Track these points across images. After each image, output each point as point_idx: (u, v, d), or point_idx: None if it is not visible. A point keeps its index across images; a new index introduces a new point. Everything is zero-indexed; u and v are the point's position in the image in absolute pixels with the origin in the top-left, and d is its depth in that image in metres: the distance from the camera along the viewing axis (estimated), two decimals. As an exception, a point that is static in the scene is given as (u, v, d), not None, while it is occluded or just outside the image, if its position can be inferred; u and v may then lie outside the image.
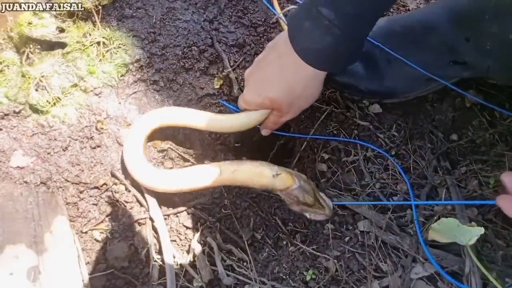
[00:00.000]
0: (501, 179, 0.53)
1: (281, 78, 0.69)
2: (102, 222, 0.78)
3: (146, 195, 0.79)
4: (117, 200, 0.80)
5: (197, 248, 0.76)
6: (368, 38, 0.77)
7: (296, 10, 0.66)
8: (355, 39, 0.63)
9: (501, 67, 0.62)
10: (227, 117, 0.80)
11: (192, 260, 0.75)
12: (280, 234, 0.79)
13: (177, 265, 0.74)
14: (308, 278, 0.72)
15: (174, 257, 0.74)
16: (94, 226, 0.77)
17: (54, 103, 0.82)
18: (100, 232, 0.77)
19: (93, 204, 0.79)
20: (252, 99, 0.75)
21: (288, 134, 0.88)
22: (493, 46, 0.59)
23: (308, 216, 0.74)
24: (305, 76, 0.68)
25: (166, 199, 0.81)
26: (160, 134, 0.85)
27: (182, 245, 0.78)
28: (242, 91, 0.88)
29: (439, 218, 0.70)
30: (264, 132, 0.82)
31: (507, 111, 0.77)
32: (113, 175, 0.81)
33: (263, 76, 0.73)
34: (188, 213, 0.80)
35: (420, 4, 0.98)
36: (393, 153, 0.81)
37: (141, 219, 0.78)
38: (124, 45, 0.87)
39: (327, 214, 0.73)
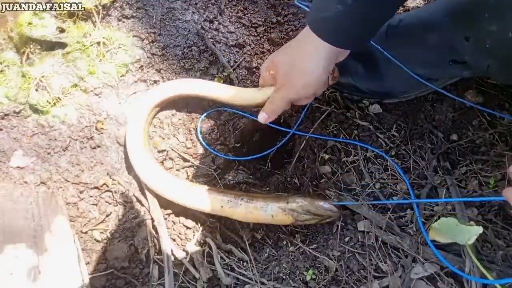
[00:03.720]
0: (508, 171, 0.53)
1: (290, 44, 0.69)
2: (102, 222, 0.78)
3: (147, 195, 0.79)
4: (117, 200, 0.80)
5: (196, 248, 0.76)
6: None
7: None
8: (365, 15, 0.58)
9: (501, 66, 0.62)
10: (239, 89, 0.81)
11: (191, 259, 0.75)
12: (280, 234, 0.79)
13: (176, 264, 0.74)
14: (308, 278, 0.72)
15: (173, 257, 0.75)
16: (94, 226, 0.77)
17: (54, 103, 0.82)
18: (100, 232, 0.77)
19: (93, 204, 0.79)
20: (264, 62, 0.74)
21: (289, 130, 0.87)
22: (493, 45, 0.59)
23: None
24: (309, 45, 0.64)
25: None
26: (161, 132, 0.86)
27: (182, 244, 0.78)
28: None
29: (439, 218, 0.70)
30: (261, 116, 0.75)
31: (503, 114, 0.77)
32: (111, 177, 0.81)
33: (283, 47, 0.73)
34: (188, 213, 0.80)
35: (420, 4, 0.98)
36: (393, 153, 0.81)
37: (141, 219, 0.78)
38: (124, 45, 0.87)
39: (333, 219, 0.74)
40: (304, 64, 0.65)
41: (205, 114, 0.86)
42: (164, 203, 0.81)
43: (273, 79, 0.73)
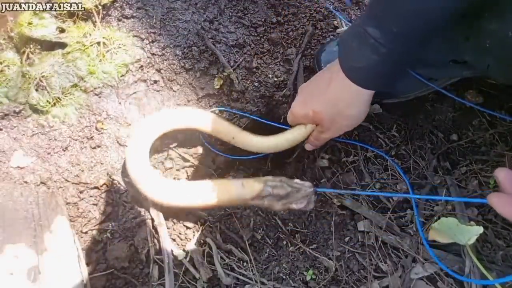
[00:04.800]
0: (494, 175, 0.52)
1: (327, 93, 0.71)
2: (102, 222, 0.78)
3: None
4: (117, 200, 0.80)
5: (196, 248, 0.76)
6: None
7: (346, 31, 0.68)
8: (401, 58, 0.63)
9: (501, 65, 0.62)
10: (273, 137, 0.80)
11: (191, 259, 0.75)
12: (280, 234, 0.79)
13: (176, 264, 0.74)
14: (308, 278, 0.72)
15: (173, 256, 0.75)
16: (94, 226, 0.77)
17: (54, 103, 0.82)
18: (100, 232, 0.77)
19: (93, 204, 0.79)
20: (298, 110, 0.77)
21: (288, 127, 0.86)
22: (493, 44, 0.59)
23: (295, 207, 0.71)
24: (349, 94, 0.68)
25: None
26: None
27: (182, 244, 0.78)
28: (242, 90, 0.88)
29: (439, 218, 0.70)
30: (307, 146, 0.82)
31: (503, 115, 0.77)
32: (110, 177, 0.81)
33: (313, 90, 0.75)
34: (188, 213, 0.80)
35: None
36: (393, 153, 0.81)
37: (141, 219, 0.78)
38: (124, 45, 0.87)
39: (306, 193, 0.70)
40: (349, 112, 0.70)
41: None
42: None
43: (309, 121, 0.77)
